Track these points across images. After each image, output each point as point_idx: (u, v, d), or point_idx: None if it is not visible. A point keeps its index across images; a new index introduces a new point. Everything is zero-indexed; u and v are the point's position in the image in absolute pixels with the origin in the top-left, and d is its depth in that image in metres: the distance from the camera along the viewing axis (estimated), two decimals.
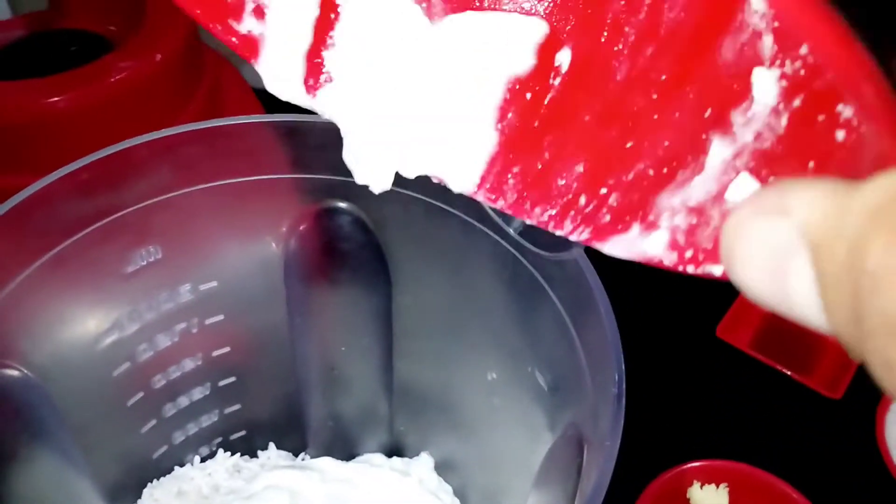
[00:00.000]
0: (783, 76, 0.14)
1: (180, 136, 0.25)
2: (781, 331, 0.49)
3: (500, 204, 0.17)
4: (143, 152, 0.24)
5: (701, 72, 0.14)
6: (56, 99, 0.35)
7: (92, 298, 0.27)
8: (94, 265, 0.26)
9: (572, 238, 0.16)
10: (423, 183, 0.18)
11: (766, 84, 0.14)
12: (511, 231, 0.24)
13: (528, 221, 0.16)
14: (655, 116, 0.15)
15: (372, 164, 0.18)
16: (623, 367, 0.19)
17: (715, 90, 0.14)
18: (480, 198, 0.17)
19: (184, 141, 0.25)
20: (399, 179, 0.18)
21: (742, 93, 0.14)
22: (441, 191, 0.26)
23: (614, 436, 0.18)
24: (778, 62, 0.14)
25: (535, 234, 0.24)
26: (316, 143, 0.26)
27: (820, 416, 0.44)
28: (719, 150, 0.14)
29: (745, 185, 0.14)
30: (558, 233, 0.16)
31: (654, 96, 0.15)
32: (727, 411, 0.45)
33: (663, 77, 0.14)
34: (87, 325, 0.27)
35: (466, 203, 0.25)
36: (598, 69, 0.15)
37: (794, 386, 0.45)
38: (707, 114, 0.14)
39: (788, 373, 0.45)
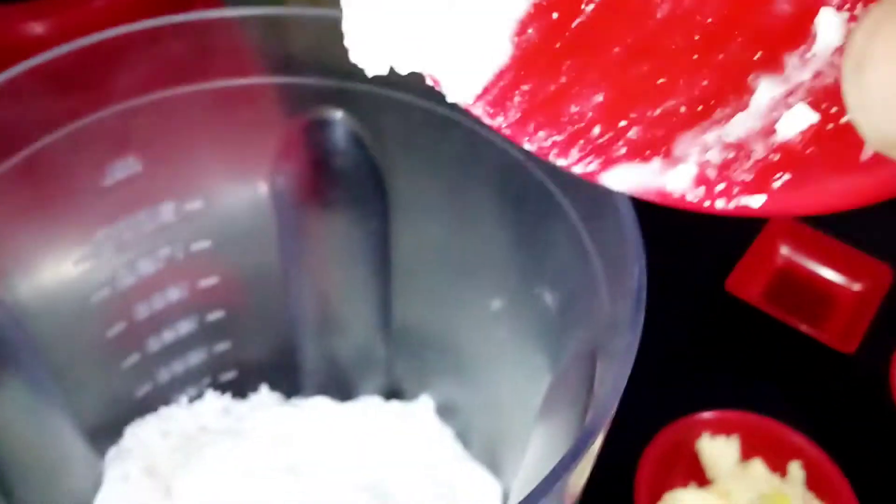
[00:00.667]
0: (852, 18, 0.12)
1: (161, 30, 0.22)
2: (792, 284, 0.47)
3: (497, 121, 0.15)
4: (120, 44, 0.22)
5: (753, 18, 0.13)
6: (35, 24, 0.33)
7: (67, 214, 0.25)
8: (69, 175, 0.24)
9: (575, 169, 0.14)
10: (424, 87, 0.15)
11: (832, 27, 0.12)
12: None
13: (527, 146, 0.14)
14: (695, 57, 0.13)
15: (368, 43, 0.15)
16: (644, 260, 0.17)
17: (767, 34, 0.13)
18: (478, 111, 0.15)
19: (164, 34, 0.22)
20: (397, 83, 0.16)
21: (800, 36, 0.12)
22: (443, 96, 0.23)
23: (634, 328, 0.15)
24: (848, 6, 0.12)
25: None
26: (307, 42, 0.23)
27: (832, 370, 0.42)
28: (768, 90, 0.13)
29: (801, 116, 0.13)
30: (560, 162, 0.14)
31: (696, 37, 0.13)
32: (737, 365, 0.43)
33: (709, 20, 0.13)
34: (61, 243, 0.25)
35: None
36: (638, 4, 0.13)
37: (805, 340, 0.43)
38: (757, 56, 0.13)
39: (800, 327, 0.43)
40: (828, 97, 0.13)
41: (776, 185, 0.13)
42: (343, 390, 0.33)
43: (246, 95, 0.25)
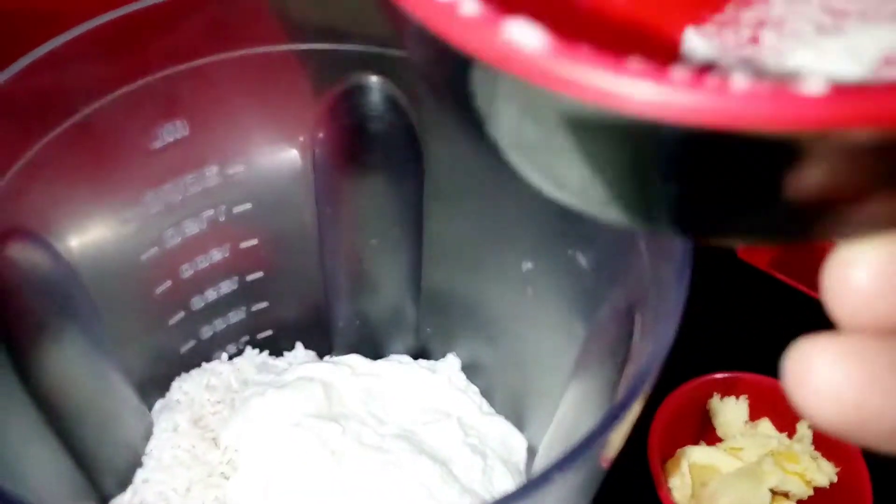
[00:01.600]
0: None
1: None
2: (803, 251, 0.47)
3: None
4: (165, 11, 0.22)
5: None
6: None
7: (119, 175, 0.25)
8: (120, 138, 0.24)
9: None
10: None
11: None
12: None
13: None
14: None
15: None
16: None
17: None
18: None
19: (208, 1, 0.22)
20: None
21: None
22: None
23: (681, 280, 0.15)
24: None
25: None
26: (346, 9, 0.23)
27: None
28: None
29: None
30: None
31: None
32: (748, 329, 0.43)
33: None
34: (113, 202, 0.25)
35: None
36: None
37: (816, 305, 0.42)
38: None
39: (811, 292, 0.43)
40: None
41: None
42: (373, 350, 0.34)
43: (286, 62, 0.25)
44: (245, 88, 0.25)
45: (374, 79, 0.25)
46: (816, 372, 0.10)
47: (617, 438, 0.17)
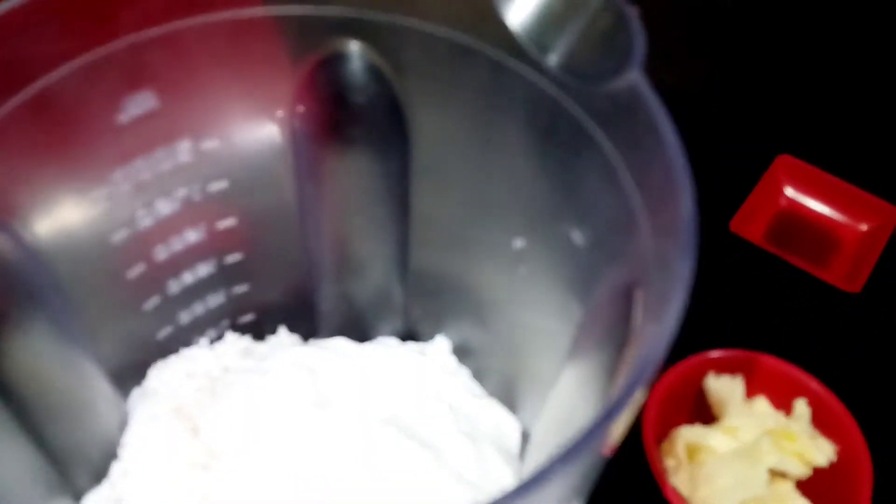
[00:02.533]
0: None
1: None
2: (797, 225, 0.46)
3: None
4: None
5: None
6: None
7: (83, 152, 0.23)
8: (83, 111, 0.22)
9: None
10: (446, 15, 0.14)
11: None
12: (551, 66, 0.20)
13: None
14: None
15: None
16: (693, 187, 0.16)
17: None
18: None
19: None
20: (418, 11, 0.14)
21: None
22: (469, 24, 0.21)
23: (686, 258, 0.14)
24: None
25: (580, 67, 0.20)
26: None
27: (838, 310, 0.41)
28: None
29: None
30: None
31: None
32: (742, 305, 0.42)
33: None
34: (79, 182, 0.23)
35: (497, 37, 0.21)
36: None
37: (811, 280, 0.42)
38: None
39: (805, 267, 0.42)
40: None
41: None
42: (360, 332, 0.32)
43: (261, 27, 0.23)
44: (218, 57, 0.23)
45: (354, 46, 0.23)
46: None
47: (620, 427, 0.16)
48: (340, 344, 0.30)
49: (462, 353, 0.32)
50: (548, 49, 0.20)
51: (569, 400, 0.23)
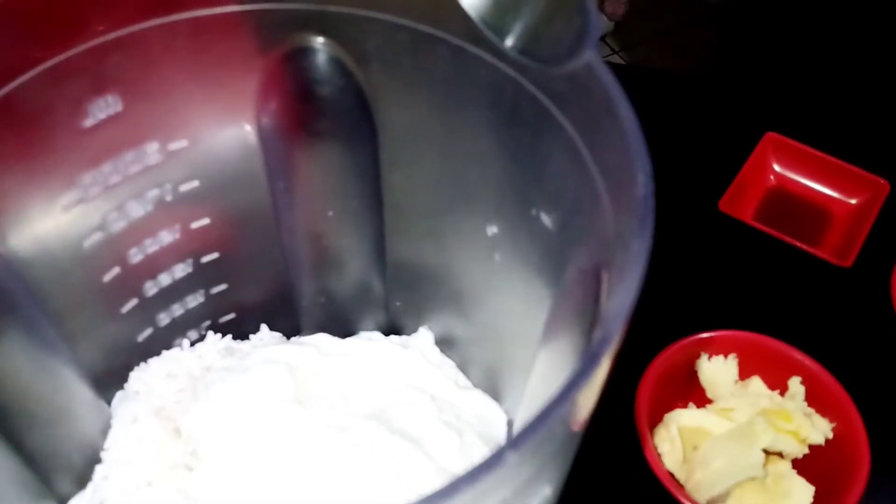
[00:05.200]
0: None
1: None
2: (787, 202, 0.46)
3: None
4: None
5: None
6: None
7: (50, 158, 0.24)
8: (47, 117, 0.23)
9: None
10: (407, 4, 0.14)
11: None
12: (509, 49, 0.20)
13: None
14: None
15: None
16: (650, 167, 0.16)
17: None
18: None
19: None
20: (378, 2, 0.14)
21: None
22: (427, 13, 0.22)
23: (643, 235, 0.14)
24: None
25: (537, 49, 0.20)
26: None
27: (830, 285, 0.41)
28: None
29: None
30: None
31: None
32: (734, 284, 0.42)
33: None
34: (48, 188, 0.24)
35: (456, 24, 0.21)
36: None
37: (802, 256, 0.42)
38: None
39: (796, 243, 0.42)
40: None
41: None
42: (342, 328, 0.33)
43: (223, 26, 0.24)
44: (182, 57, 0.24)
45: (317, 39, 0.24)
46: None
47: (586, 401, 0.16)
48: (322, 340, 0.31)
49: (446, 344, 0.32)
50: (505, 33, 0.20)
51: (542, 386, 0.23)
